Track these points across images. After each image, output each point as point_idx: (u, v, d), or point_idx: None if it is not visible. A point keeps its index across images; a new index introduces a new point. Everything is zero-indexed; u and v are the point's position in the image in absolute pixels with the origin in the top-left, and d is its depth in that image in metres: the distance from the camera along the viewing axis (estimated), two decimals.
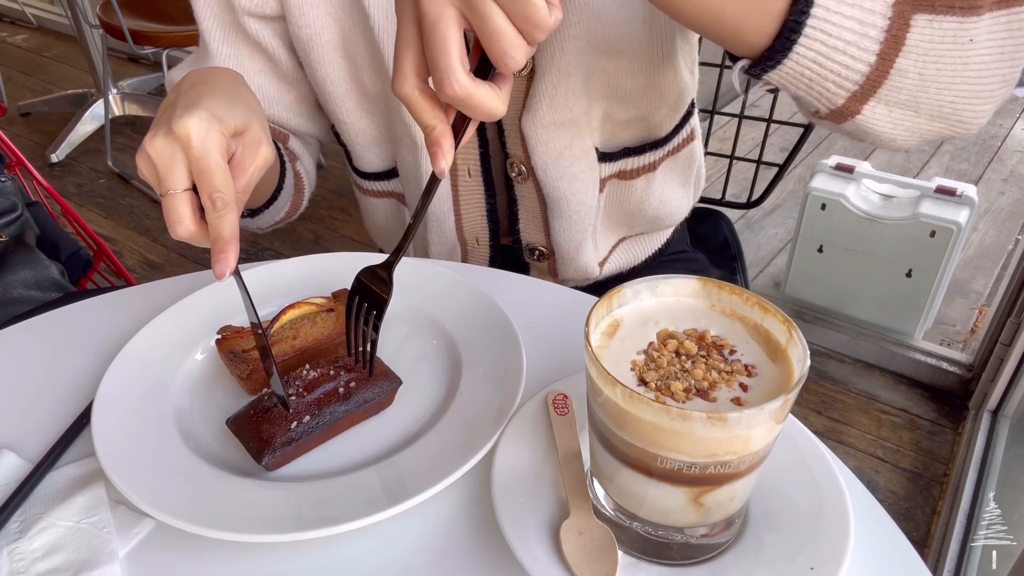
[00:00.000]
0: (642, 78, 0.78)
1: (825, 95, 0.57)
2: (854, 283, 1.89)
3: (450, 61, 0.45)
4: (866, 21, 0.53)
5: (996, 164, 2.84)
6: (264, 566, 0.51)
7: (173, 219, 0.53)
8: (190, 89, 0.58)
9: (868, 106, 0.57)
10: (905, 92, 0.56)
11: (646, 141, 0.84)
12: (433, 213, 0.85)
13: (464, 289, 0.71)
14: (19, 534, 0.53)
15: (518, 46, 0.45)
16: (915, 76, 0.55)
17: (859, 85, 0.55)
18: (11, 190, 1.16)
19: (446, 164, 0.48)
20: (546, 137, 0.77)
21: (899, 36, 0.53)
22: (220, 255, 0.52)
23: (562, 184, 0.80)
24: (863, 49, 0.54)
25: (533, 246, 0.88)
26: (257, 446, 0.55)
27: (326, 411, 0.57)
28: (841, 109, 0.58)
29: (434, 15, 0.45)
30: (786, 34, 0.53)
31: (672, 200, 0.90)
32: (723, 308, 0.50)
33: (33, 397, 0.64)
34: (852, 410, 1.80)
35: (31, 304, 1.05)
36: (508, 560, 0.48)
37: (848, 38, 0.53)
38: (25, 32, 3.91)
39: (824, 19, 0.52)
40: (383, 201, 0.92)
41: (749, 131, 1.54)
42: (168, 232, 0.53)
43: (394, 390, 0.61)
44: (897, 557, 0.51)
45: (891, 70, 0.55)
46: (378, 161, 0.88)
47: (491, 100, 0.46)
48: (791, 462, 0.53)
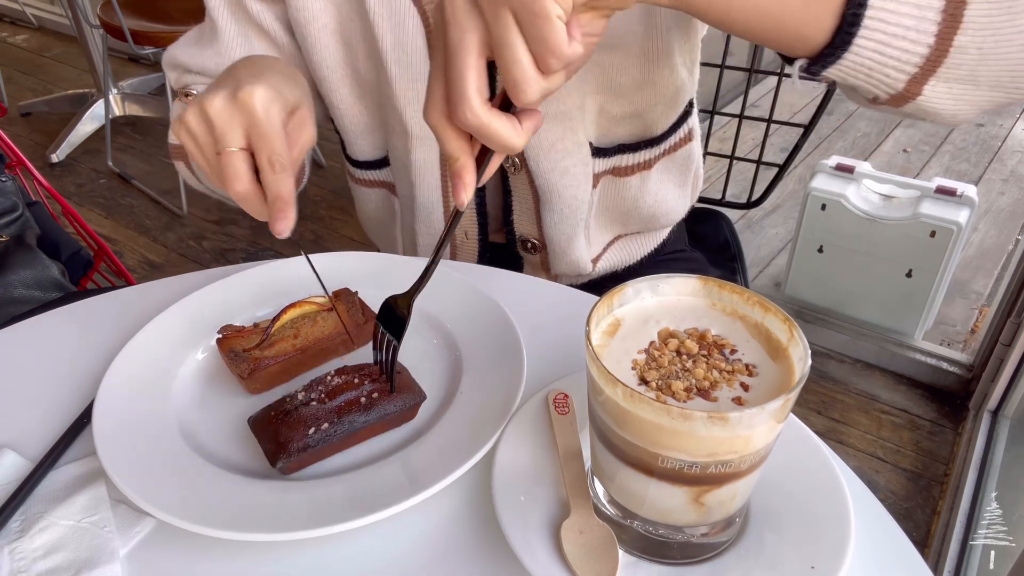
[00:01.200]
0: (637, 73, 0.78)
1: (885, 81, 0.57)
2: (854, 283, 1.89)
3: (465, 87, 0.45)
4: (923, 4, 0.53)
5: (996, 164, 2.84)
6: (264, 565, 0.51)
7: (231, 175, 0.54)
8: (248, 67, 0.59)
9: (928, 86, 0.57)
10: (965, 68, 0.56)
11: (641, 138, 0.84)
12: (422, 203, 0.85)
13: (464, 288, 0.71)
14: (20, 533, 0.53)
15: (532, 78, 0.45)
16: (974, 51, 0.55)
17: (919, 67, 0.55)
18: (12, 190, 1.16)
19: (467, 197, 0.49)
20: None
21: (956, 14, 0.53)
22: (280, 214, 0.54)
23: (553, 177, 0.80)
24: (922, 32, 0.54)
25: (526, 238, 0.88)
26: (273, 448, 0.55)
27: (345, 420, 0.57)
28: (902, 93, 0.58)
29: (456, 41, 0.45)
30: (845, 29, 0.53)
31: (668, 200, 0.90)
32: (724, 307, 0.50)
33: (34, 396, 0.64)
34: (852, 410, 1.80)
35: (32, 304, 1.05)
36: (508, 559, 0.48)
37: (907, 23, 0.53)
38: (25, 32, 3.91)
39: (882, 7, 0.52)
40: (374, 191, 0.92)
41: (749, 131, 1.54)
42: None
43: (417, 404, 0.60)
44: (897, 557, 0.51)
45: (950, 48, 0.55)
46: (370, 149, 0.88)
47: (507, 132, 0.47)
48: (792, 461, 0.53)
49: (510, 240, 0.89)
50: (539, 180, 0.81)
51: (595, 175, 0.83)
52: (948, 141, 2.97)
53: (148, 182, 2.67)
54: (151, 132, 2.97)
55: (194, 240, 2.40)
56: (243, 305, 0.71)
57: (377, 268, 0.75)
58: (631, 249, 0.94)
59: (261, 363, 0.62)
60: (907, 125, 3.07)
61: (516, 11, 0.44)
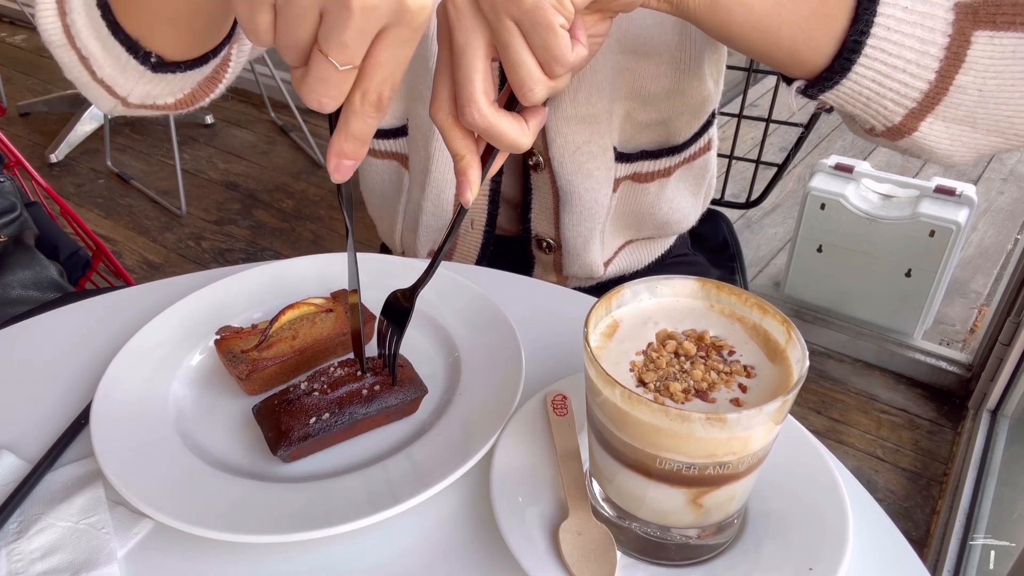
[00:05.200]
0: (667, 82, 0.78)
1: (882, 113, 0.57)
2: (853, 283, 1.89)
3: (472, 89, 0.45)
4: (926, 39, 0.53)
5: (996, 164, 2.84)
6: (263, 566, 0.51)
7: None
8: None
9: (926, 123, 0.57)
10: (964, 108, 0.56)
11: (664, 146, 0.84)
12: (435, 178, 0.84)
13: (463, 289, 0.71)
14: (18, 534, 0.53)
15: (538, 79, 0.46)
16: (974, 92, 0.55)
17: (917, 102, 0.55)
18: (10, 190, 1.16)
19: (471, 195, 0.49)
20: (566, 130, 0.77)
21: (959, 53, 0.53)
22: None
23: (577, 179, 0.81)
24: (923, 67, 0.53)
25: (542, 237, 0.88)
26: (275, 436, 0.56)
27: (347, 411, 0.57)
28: (898, 126, 0.57)
29: (462, 43, 0.46)
30: (845, 55, 0.53)
31: (682, 208, 0.91)
32: (722, 309, 0.50)
33: (32, 397, 0.64)
34: (851, 410, 1.80)
35: (30, 304, 1.05)
36: (507, 560, 0.48)
37: (908, 56, 0.53)
38: (25, 32, 3.91)
39: (884, 38, 0.52)
40: (384, 163, 0.90)
41: (748, 131, 1.54)
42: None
43: (419, 398, 0.61)
44: (896, 557, 0.51)
45: (950, 87, 0.54)
46: (388, 117, 0.85)
47: (513, 131, 0.47)
48: (790, 462, 0.53)
49: (525, 238, 0.89)
50: (561, 181, 0.81)
51: (616, 179, 0.83)
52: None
53: (147, 182, 2.67)
54: (150, 132, 2.96)
55: (193, 240, 2.40)
56: (242, 306, 0.71)
57: (377, 269, 0.75)
58: (640, 254, 0.95)
59: (259, 364, 0.62)
60: None
61: (518, 20, 0.44)
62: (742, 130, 1.25)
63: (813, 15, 0.54)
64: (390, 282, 0.63)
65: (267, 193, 2.63)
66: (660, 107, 0.80)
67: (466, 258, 0.91)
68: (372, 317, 0.68)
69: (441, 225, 0.89)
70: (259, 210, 2.53)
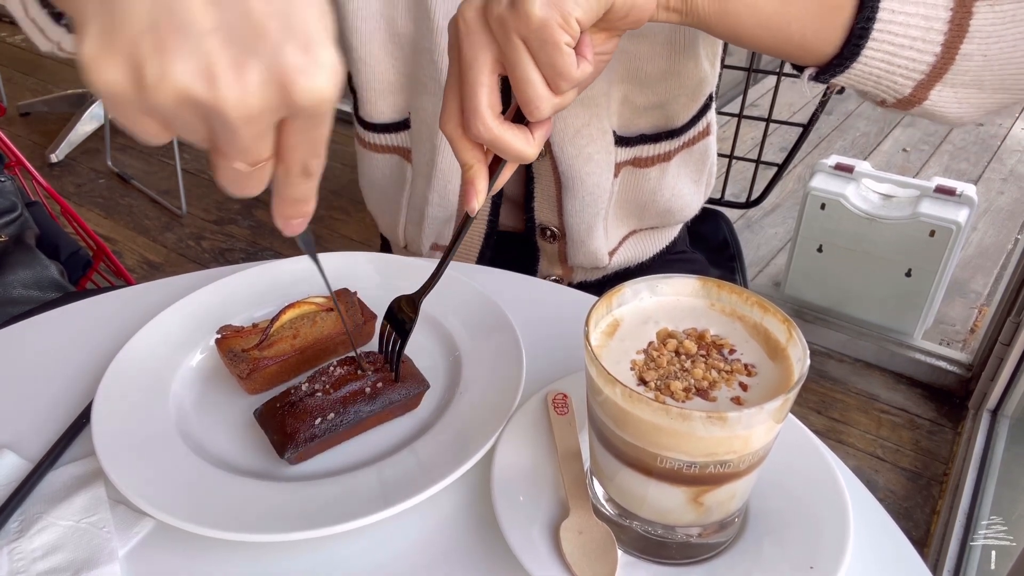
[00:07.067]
0: (662, 63, 0.78)
1: (893, 87, 0.59)
2: (853, 283, 1.89)
3: (478, 103, 0.48)
4: (930, 16, 0.55)
5: (996, 164, 2.84)
6: (263, 565, 0.51)
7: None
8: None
9: (935, 91, 0.59)
10: (971, 74, 0.58)
11: (663, 129, 0.84)
12: (441, 169, 0.84)
13: (464, 288, 0.71)
14: (19, 533, 0.53)
15: (544, 96, 0.48)
16: (979, 58, 0.57)
17: (925, 74, 0.58)
18: (10, 190, 1.16)
19: (477, 203, 0.51)
20: (564, 113, 0.78)
21: (963, 24, 0.56)
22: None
23: (577, 163, 0.81)
24: (928, 42, 0.56)
25: (546, 226, 0.88)
26: (280, 439, 0.56)
27: (351, 409, 0.57)
28: (909, 98, 0.60)
29: (470, 58, 0.48)
30: (854, 41, 0.56)
31: (684, 194, 0.91)
32: (723, 307, 0.50)
33: (33, 397, 0.64)
34: (852, 410, 1.80)
35: (30, 304, 1.05)
36: (508, 559, 0.48)
37: (914, 34, 0.55)
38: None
39: (889, 20, 0.55)
40: (386, 157, 0.90)
41: (748, 130, 1.54)
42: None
43: (421, 393, 0.61)
44: (896, 556, 0.51)
45: (956, 56, 0.57)
46: (390, 111, 0.85)
47: (518, 143, 0.49)
48: (791, 461, 0.53)
49: (529, 228, 0.89)
50: (563, 166, 0.81)
51: (617, 164, 0.84)
52: (947, 140, 2.97)
53: (147, 182, 2.67)
54: None
55: (193, 240, 2.40)
56: (242, 305, 0.71)
57: (377, 268, 0.75)
58: (644, 245, 0.95)
59: (260, 363, 0.62)
60: (906, 125, 3.08)
61: (525, 38, 0.46)
62: (742, 130, 1.25)
63: (820, 8, 0.56)
64: (391, 280, 0.63)
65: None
66: (657, 89, 0.80)
67: (469, 251, 0.91)
68: (373, 316, 0.68)
69: (447, 216, 0.89)
70: (259, 210, 2.52)
